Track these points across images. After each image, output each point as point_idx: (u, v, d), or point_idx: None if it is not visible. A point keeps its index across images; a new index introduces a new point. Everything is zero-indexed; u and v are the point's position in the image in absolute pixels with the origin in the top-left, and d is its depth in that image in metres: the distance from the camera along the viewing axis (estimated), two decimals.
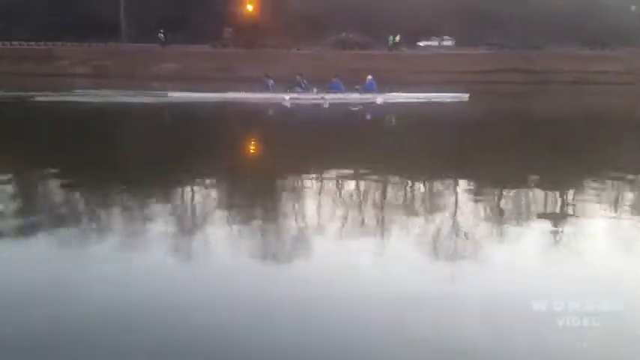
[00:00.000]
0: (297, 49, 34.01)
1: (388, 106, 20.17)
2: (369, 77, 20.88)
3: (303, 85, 20.65)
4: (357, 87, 20.54)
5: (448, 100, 20.76)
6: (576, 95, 27.64)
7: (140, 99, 20.05)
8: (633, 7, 35.55)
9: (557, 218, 7.14)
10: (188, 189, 8.66)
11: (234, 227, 6.76)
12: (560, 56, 32.20)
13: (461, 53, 33.27)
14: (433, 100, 20.57)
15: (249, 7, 35.65)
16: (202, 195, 8.45)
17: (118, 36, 37.72)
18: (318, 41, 36.86)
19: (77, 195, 8.49)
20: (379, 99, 20.43)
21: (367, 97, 20.31)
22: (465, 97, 20.67)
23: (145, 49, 33.72)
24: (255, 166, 11.18)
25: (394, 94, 20.71)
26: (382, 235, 6.55)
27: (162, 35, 35.67)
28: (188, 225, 6.89)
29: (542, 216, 7.22)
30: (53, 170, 9.74)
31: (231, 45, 34.94)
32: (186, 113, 18.70)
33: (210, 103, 19.93)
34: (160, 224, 6.69)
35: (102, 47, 34.93)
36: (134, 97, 20.23)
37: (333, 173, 9.82)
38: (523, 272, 5.34)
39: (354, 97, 20.25)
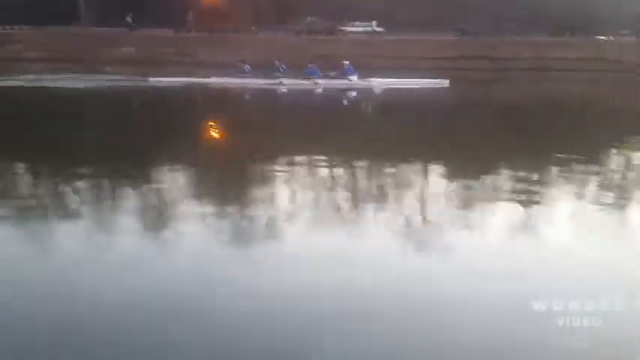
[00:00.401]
0: (257, 34, 33.55)
1: (368, 92, 20.20)
2: (346, 62, 20.59)
3: (281, 70, 20.38)
4: (333, 73, 20.23)
5: (429, 86, 20.62)
6: (537, 82, 27.90)
7: (117, 83, 20.02)
8: None
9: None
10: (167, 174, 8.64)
11: (198, 214, 6.71)
12: (523, 43, 32.31)
13: (426, 39, 33.08)
14: (415, 86, 20.48)
15: None
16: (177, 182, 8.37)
17: (78, 20, 36.86)
18: (284, 26, 36.44)
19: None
20: (375, 85, 20.39)
21: (363, 83, 20.25)
22: (446, 83, 20.57)
23: (103, 33, 32.76)
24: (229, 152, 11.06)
25: (378, 79, 20.56)
26: (347, 220, 6.61)
27: (129, 19, 34.91)
28: (159, 211, 6.93)
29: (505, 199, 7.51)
30: None
31: (193, 29, 34.26)
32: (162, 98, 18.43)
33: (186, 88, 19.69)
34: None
35: (60, 31, 33.90)
36: (106, 82, 20.22)
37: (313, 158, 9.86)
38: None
39: (345, 82, 19.98)
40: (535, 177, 8.75)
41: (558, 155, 10.20)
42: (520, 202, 7.35)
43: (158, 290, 4.61)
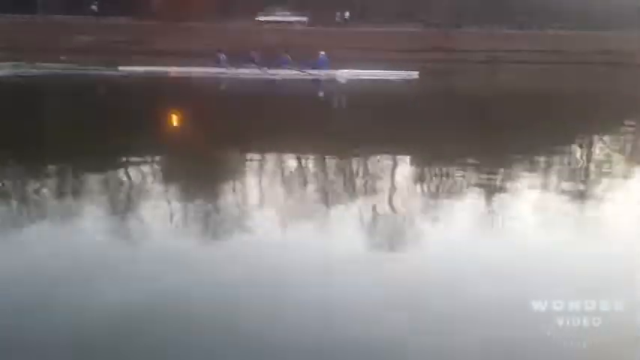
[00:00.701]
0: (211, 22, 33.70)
1: (337, 83, 20.34)
2: (322, 53, 20.78)
3: (256, 61, 20.55)
4: (313, 62, 20.36)
5: (398, 77, 20.83)
6: (493, 74, 28.49)
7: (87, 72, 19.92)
8: None
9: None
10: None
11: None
12: (479, 35, 32.95)
13: (388, 31, 33.50)
14: (385, 77, 20.73)
15: None
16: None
17: (43, 8, 36.52)
18: (247, 16, 36.55)
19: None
20: (339, 76, 20.52)
21: (327, 73, 20.32)
22: (415, 74, 20.77)
23: (59, 22, 32.54)
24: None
25: (349, 71, 20.75)
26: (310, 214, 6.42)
27: (94, 7, 34.67)
28: (124, 201, 6.79)
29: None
30: None
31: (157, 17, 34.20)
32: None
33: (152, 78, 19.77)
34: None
35: (21, 20, 33.53)
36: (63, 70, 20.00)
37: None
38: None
39: (312, 73, 20.11)
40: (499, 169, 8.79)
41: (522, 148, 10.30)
42: (485, 191, 7.42)
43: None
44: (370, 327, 3.91)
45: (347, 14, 37.71)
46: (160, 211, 6.23)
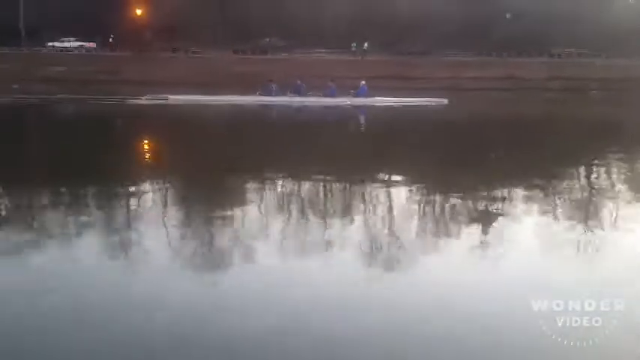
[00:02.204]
0: (173, 52, 35.31)
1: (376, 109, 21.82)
2: (362, 82, 22.24)
3: (303, 90, 21.95)
4: (352, 91, 21.88)
5: (429, 104, 22.26)
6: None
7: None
8: (508, 15, 38.45)
9: None
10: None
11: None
12: (440, 62, 34.46)
13: (351, 60, 35.01)
14: (416, 104, 22.23)
15: (138, 11, 36.55)
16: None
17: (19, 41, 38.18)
18: (219, 46, 38.15)
19: None
20: (378, 103, 21.96)
21: (367, 101, 21.81)
22: (445, 101, 22.29)
23: (37, 54, 33.95)
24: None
25: (385, 98, 22.11)
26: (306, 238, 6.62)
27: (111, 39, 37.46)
28: (127, 223, 7.04)
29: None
30: None
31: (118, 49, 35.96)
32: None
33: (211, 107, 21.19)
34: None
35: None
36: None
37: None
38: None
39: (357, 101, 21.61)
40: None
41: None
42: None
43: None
44: None
45: (366, 45, 39.27)
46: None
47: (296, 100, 21.55)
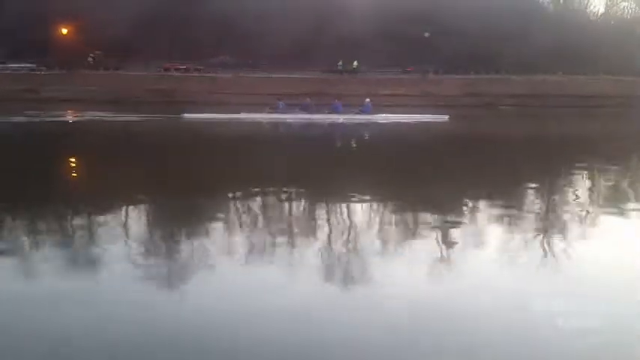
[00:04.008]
0: (105, 69, 36.18)
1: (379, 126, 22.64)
2: (367, 100, 23.46)
3: (310, 107, 23.11)
4: (360, 109, 23.08)
5: (429, 120, 23.63)
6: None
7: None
8: (427, 34, 40.46)
9: None
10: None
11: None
12: (360, 80, 36.13)
13: (275, 77, 36.44)
14: (417, 120, 23.60)
15: (64, 31, 37.34)
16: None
17: None
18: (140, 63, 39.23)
19: None
20: (381, 119, 23.03)
21: (371, 117, 22.79)
22: (445, 117, 23.59)
23: None
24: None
25: (388, 115, 23.40)
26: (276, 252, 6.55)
27: (91, 59, 37.90)
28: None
29: None
30: None
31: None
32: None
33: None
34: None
35: None
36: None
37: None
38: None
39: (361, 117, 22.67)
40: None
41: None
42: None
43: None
44: None
45: (355, 63, 40.98)
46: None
47: (304, 117, 22.53)
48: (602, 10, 57.09)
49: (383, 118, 23.33)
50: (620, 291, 5.32)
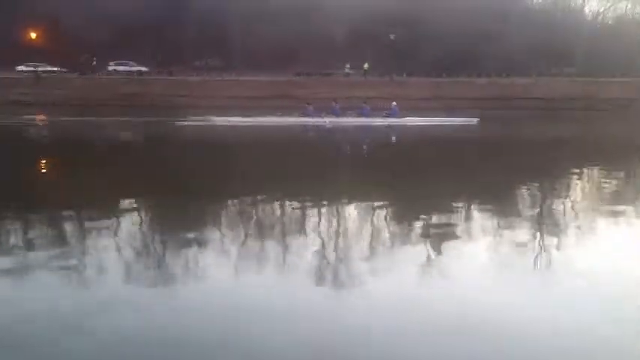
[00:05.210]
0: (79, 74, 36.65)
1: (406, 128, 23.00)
2: (394, 103, 23.93)
3: (338, 110, 23.45)
4: (387, 112, 23.50)
5: (460, 123, 23.84)
6: None
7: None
8: (392, 36, 40.87)
9: None
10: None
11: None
12: (329, 82, 36.47)
13: (243, 80, 36.83)
14: (445, 123, 23.92)
15: (33, 35, 37.63)
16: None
17: None
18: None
19: None
20: (408, 122, 23.33)
21: (398, 120, 23.16)
22: (474, 121, 23.93)
23: None
24: None
25: (416, 118, 23.63)
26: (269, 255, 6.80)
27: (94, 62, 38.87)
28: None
29: None
30: None
31: None
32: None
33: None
34: None
35: None
36: None
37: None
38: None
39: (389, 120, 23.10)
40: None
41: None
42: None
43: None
44: None
45: (366, 65, 41.44)
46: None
47: (332, 121, 22.83)
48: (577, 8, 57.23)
49: (410, 121, 23.78)
50: None
